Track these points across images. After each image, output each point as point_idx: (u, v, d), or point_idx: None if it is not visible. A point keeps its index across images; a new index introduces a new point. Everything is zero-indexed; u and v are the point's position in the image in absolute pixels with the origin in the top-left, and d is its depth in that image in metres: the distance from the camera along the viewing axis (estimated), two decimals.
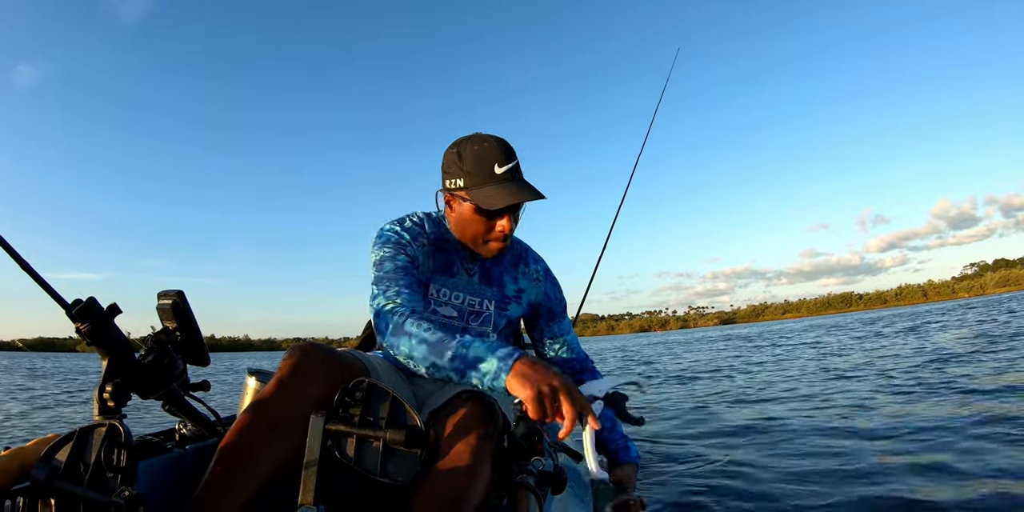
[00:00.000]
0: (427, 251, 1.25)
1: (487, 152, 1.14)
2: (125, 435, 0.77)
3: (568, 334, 1.45)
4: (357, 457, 0.85)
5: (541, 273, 1.37)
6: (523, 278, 1.34)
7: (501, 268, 1.33)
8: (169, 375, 0.99)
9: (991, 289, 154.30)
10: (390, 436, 0.83)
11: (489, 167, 1.13)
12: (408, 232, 1.23)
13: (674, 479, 2.33)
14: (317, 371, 0.96)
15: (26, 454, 0.82)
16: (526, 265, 1.36)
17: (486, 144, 1.15)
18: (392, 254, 1.18)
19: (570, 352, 1.44)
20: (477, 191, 1.14)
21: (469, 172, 1.14)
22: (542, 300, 1.37)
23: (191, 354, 1.05)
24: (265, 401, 0.92)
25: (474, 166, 1.14)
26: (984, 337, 7.85)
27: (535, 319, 1.42)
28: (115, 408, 0.84)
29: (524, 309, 1.35)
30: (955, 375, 4.48)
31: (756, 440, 2.91)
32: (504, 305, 1.31)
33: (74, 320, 0.83)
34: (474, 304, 1.29)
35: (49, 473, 0.74)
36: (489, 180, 1.13)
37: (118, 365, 0.87)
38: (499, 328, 1.31)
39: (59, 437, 0.80)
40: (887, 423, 2.98)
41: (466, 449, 0.93)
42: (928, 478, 2.01)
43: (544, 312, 1.40)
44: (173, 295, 1.02)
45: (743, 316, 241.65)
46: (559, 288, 1.41)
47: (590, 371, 1.46)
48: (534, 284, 1.35)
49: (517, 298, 1.33)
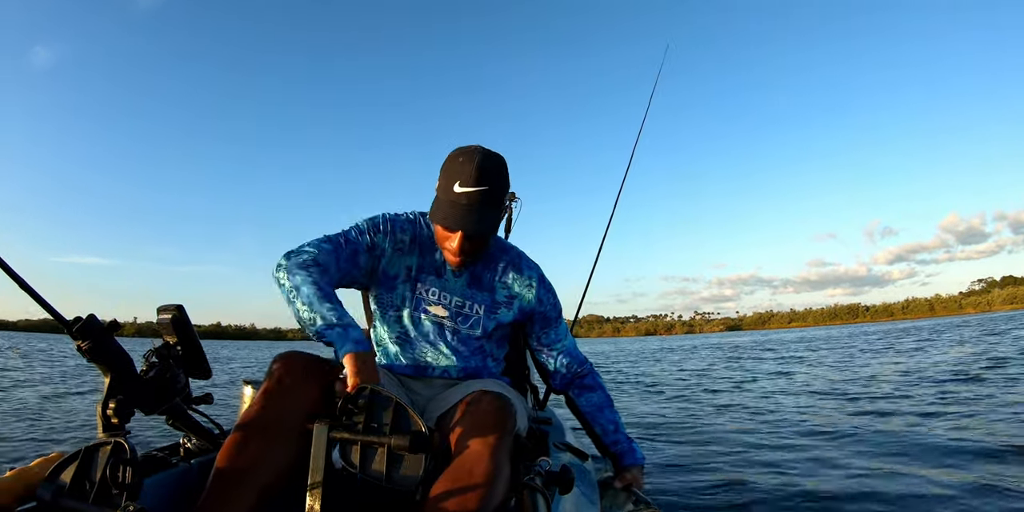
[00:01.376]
0: (412, 248, 1.27)
1: (458, 168, 1.12)
2: (131, 452, 0.77)
3: (565, 339, 1.43)
4: (362, 464, 0.85)
5: (535, 279, 1.35)
6: (515, 284, 1.33)
7: (493, 274, 1.32)
8: (171, 390, 0.99)
9: (998, 306, 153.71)
10: (395, 442, 0.83)
11: (451, 184, 1.11)
12: (398, 223, 1.27)
13: (683, 481, 2.33)
14: (302, 379, 0.97)
15: (30, 474, 0.82)
16: (519, 271, 1.34)
17: (462, 160, 1.12)
18: (357, 230, 1.25)
19: (568, 357, 1.42)
20: (436, 202, 1.15)
21: (440, 183, 1.15)
22: (535, 306, 1.35)
23: (192, 367, 1.05)
24: (254, 413, 0.92)
25: (443, 178, 1.14)
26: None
27: (530, 325, 1.39)
28: (119, 425, 0.84)
29: (516, 314, 1.34)
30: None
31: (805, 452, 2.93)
32: (494, 309, 1.31)
33: (75, 338, 0.83)
34: (463, 306, 1.29)
35: (55, 492, 0.74)
36: (446, 196, 1.12)
37: (120, 382, 0.88)
38: (488, 331, 1.30)
39: (63, 456, 0.80)
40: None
41: (485, 449, 0.93)
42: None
43: (539, 318, 1.38)
44: (172, 309, 1.02)
45: (749, 323, 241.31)
46: (553, 294, 1.39)
47: (591, 374, 1.45)
48: (527, 290, 1.34)
49: (508, 303, 1.32)
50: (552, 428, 1.52)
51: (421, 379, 1.28)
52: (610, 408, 1.44)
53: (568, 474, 1.01)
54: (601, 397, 1.43)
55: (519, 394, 1.34)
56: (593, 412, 1.43)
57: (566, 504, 1.06)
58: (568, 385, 1.45)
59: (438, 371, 1.27)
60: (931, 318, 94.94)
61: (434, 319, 1.27)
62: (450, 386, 1.26)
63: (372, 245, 1.24)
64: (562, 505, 1.02)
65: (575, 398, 1.44)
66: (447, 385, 1.27)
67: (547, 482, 0.99)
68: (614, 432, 1.43)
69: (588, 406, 1.43)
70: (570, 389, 1.45)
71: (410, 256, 1.27)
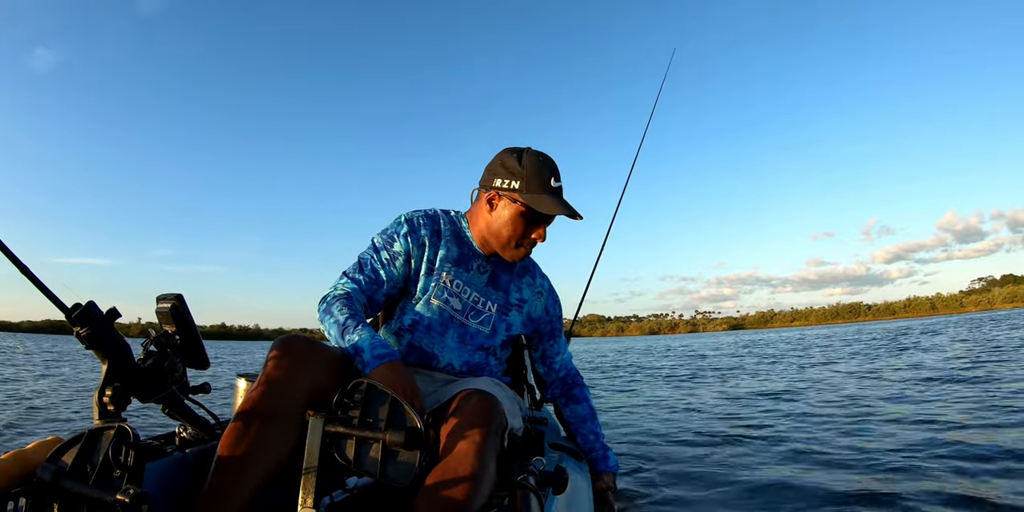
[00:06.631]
0: (433, 242, 1.30)
1: (548, 165, 1.24)
2: (134, 437, 0.77)
3: (564, 353, 1.53)
4: (356, 459, 0.85)
5: (545, 289, 1.43)
6: (528, 289, 1.39)
7: (510, 276, 1.37)
8: (169, 378, 1.00)
9: (999, 304, 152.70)
10: (390, 438, 0.83)
11: (547, 178, 1.22)
12: (416, 221, 1.31)
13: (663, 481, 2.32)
14: (303, 363, 0.98)
15: (27, 456, 0.82)
16: (533, 278, 1.41)
17: (544, 159, 1.25)
18: (381, 244, 1.29)
19: (564, 370, 1.54)
20: (532, 196, 1.20)
21: (527, 177, 1.21)
22: (541, 314, 1.42)
23: (190, 357, 1.05)
24: (256, 398, 0.93)
25: (533, 173, 1.21)
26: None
27: (535, 336, 1.47)
28: (115, 412, 0.84)
29: (523, 318, 1.39)
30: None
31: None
32: (506, 310, 1.35)
33: (74, 324, 0.83)
34: (478, 302, 1.32)
35: (56, 473, 0.74)
36: (544, 190, 1.21)
37: (118, 369, 0.88)
38: (497, 330, 1.33)
39: (61, 440, 0.80)
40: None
41: (471, 448, 0.94)
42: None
43: (545, 330, 1.46)
44: (172, 299, 1.02)
45: (752, 322, 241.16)
46: (560, 307, 1.48)
47: (580, 387, 1.56)
48: (536, 297, 1.40)
49: (519, 306, 1.37)
50: (548, 428, 1.53)
51: (424, 372, 1.28)
52: (593, 420, 1.55)
53: (562, 474, 1.01)
54: (586, 409, 1.55)
55: (515, 394, 1.36)
56: (577, 423, 1.55)
57: (560, 504, 1.06)
58: (559, 396, 1.56)
59: (442, 363, 1.28)
60: (933, 317, 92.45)
61: (447, 311, 1.29)
62: (450, 382, 1.26)
63: (400, 257, 1.28)
64: (556, 505, 1.02)
65: (562, 408, 1.57)
66: (447, 380, 1.27)
67: (541, 482, 0.99)
68: (593, 441, 1.54)
69: (573, 417, 1.55)
70: (559, 399, 1.56)
71: (431, 249, 1.30)
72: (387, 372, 1.00)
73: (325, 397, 0.92)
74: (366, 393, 0.89)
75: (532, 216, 1.23)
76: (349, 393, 0.88)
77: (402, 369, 1.02)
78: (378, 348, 1.04)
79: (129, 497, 0.70)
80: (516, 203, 1.22)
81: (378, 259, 1.27)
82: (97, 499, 0.72)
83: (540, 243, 1.28)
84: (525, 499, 0.92)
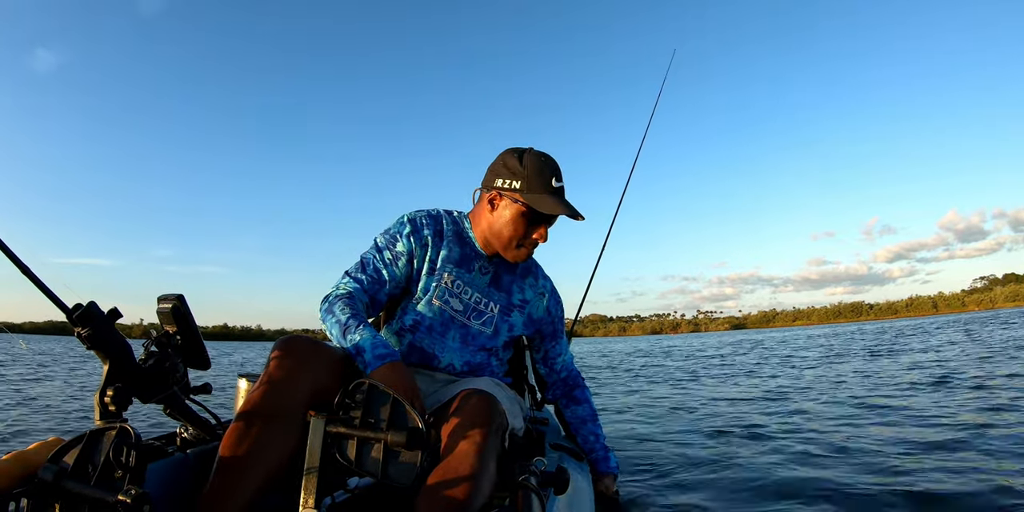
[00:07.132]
0: (436, 242, 1.30)
1: (549, 165, 1.24)
2: (136, 437, 0.77)
3: (565, 354, 1.54)
4: (358, 459, 0.85)
5: (548, 290, 1.43)
6: (530, 290, 1.39)
7: (512, 277, 1.37)
8: (170, 379, 1.00)
9: (1001, 303, 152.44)
10: (391, 438, 0.83)
11: (548, 178, 1.22)
12: (430, 220, 1.32)
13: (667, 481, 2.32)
14: (304, 363, 0.98)
15: (28, 457, 0.82)
16: (535, 279, 1.41)
17: (546, 159, 1.25)
18: (384, 244, 1.29)
19: (565, 372, 1.55)
20: (533, 196, 1.21)
21: (529, 177, 1.21)
22: (543, 315, 1.42)
23: (192, 358, 1.05)
24: (257, 398, 0.93)
25: (534, 173, 1.22)
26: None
27: (536, 337, 1.47)
28: (116, 412, 0.84)
29: (525, 319, 1.39)
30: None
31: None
32: (508, 311, 1.35)
33: (75, 324, 0.83)
34: (480, 303, 1.32)
35: (57, 474, 0.74)
36: (545, 190, 1.21)
37: (119, 369, 0.88)
38: (500, 331, 1.34)
39: (63, 440, 0.80)
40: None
41: (471, 448, 0.94)
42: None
43: (547, 331, 1.46)
44: (173, 299, 1.02)
45: (754, 322, 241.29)
46: (562, 308, 1.48)
47: (582, 388, 1.56)
48: (539, 298, 1.41)
49: (521, 307, 1.37)
50: (549, 429, 1.53)
51: (425, 372, 1.28)
52: (593, 422, 1.56)
53: (563, 475, 1.01)
54: (587, 410, 1.55)
55: (516, 394, 1.36)
56: (577, 424, 1.56)
57: (561, 504, 1.05)
58: (560, 397, 1.57)
59: (443, 363, 1.28)
60: (935, 316, 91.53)
61: (449, 311, 1.29)
62: (450, 382, 1.27)
63: (401, 257, 1.28)
64: (557, 505, 1.02)
65: (563, 408, 1.57)
66: (448, 381, 1.27)
67: (542, 482, 0.99)
68: (594, 442, 1.55)
69: (574, 418, 1.56)
70: (560, 400, 1.57)
71: (434, 250, 1.30)
72: (388, 372, 1.00)
73: (327, 397, 0.92)
74: (367, 393, 0.88)
75: (533, 216, 1.22)
76: (351, 393, 0.88)
77: (403, 369, 1.02)
78: (379, 348, 1.04)
79: (131, 497, 0.70)
80: (517, 203, 1.22)
81: (381, 259, 1.27)
82: (99, 499, 0.72)
83: (542, 243, 1.28)
84: (526, 499, 0.92)
